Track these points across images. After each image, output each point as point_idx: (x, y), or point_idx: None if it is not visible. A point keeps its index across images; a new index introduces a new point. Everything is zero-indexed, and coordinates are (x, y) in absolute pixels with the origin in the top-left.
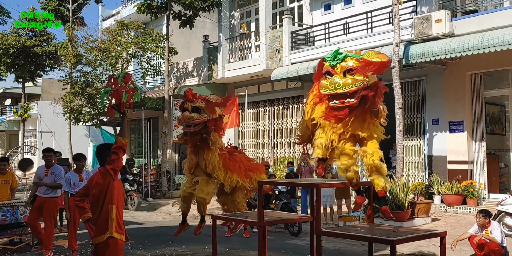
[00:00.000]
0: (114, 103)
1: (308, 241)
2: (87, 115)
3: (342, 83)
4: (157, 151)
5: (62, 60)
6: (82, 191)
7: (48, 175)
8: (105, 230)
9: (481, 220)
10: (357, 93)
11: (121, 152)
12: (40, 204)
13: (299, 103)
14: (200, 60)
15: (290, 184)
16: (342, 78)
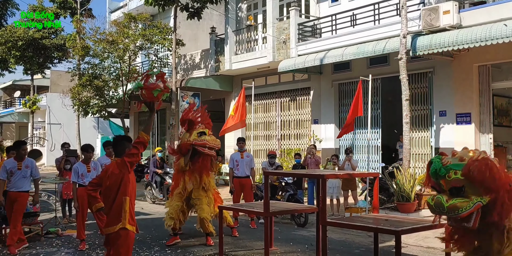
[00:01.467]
0: (145, 99)
1: (314, 232)
2: (95, 107)
3: (447, 206)
4: (165, 143)
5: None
6: (95, 181)
7: (22, 168)
8: (117, 221)
9: None
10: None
11: (142, 148)
12: (14, 199)
13: (306, 95)
14: (207, 52)
15: (296, 174)
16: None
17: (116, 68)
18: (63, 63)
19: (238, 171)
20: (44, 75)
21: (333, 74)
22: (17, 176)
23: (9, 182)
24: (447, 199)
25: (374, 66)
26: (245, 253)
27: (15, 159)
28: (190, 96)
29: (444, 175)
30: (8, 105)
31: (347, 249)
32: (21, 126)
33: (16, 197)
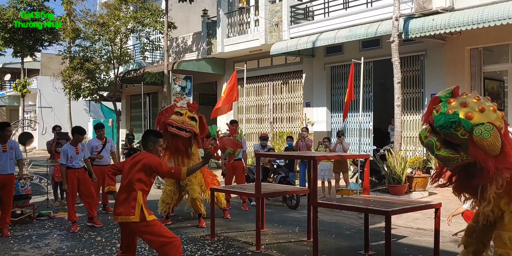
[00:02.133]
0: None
1: (306, 214)
2: (87, 90)
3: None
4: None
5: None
6: (119, 165)
7: (7, 150)
8: (130, 213)
9: None
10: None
11: (168, 176)
12: (2, 183)
13: (298, 78)
14: (199, 34)
15: (287, 156)
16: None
17: (107, 51)
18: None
19: None
20: (35, 58)
21: (326, 57)
22: (2, 158)
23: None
24: (439, 147)
25: (367, 49)
26: (237, 235)
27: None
28: (182, 79)
29: (450, 130)
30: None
31: (338, 230)
32: (11, 110)
33: (5, 180)
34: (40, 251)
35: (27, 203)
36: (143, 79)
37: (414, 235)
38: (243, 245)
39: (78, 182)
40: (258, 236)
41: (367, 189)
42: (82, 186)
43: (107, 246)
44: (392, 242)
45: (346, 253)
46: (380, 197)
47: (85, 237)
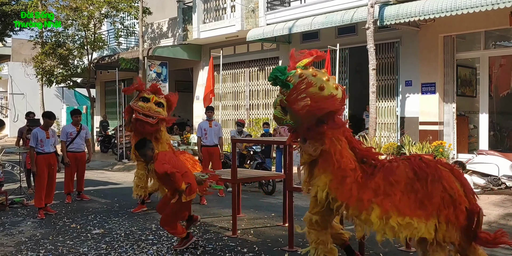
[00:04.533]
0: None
1: (281, 200)
2: (60, 76)
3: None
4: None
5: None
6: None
7: None
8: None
9: None
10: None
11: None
12: None
13: (275, 64)
14: (175, 20)
15: (263, 141)
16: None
17: (80, 36)
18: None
19: (207, 140)
20: (5, 44)
21: (302, 44)
22: None
23: None
24: (276, 106)
25: (342, 35)
26: (213, 220)
27: None
28: (158, 65)
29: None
30: None
31: None
32: None
33: None
34: (13, 238)
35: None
36: (118, 65)
37: None
38: (219, 230)
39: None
40: (235, 221)
41: None
42: (51, 171)
43: (82, 233)
44: None
45: None
46: None
47: (60, 224)
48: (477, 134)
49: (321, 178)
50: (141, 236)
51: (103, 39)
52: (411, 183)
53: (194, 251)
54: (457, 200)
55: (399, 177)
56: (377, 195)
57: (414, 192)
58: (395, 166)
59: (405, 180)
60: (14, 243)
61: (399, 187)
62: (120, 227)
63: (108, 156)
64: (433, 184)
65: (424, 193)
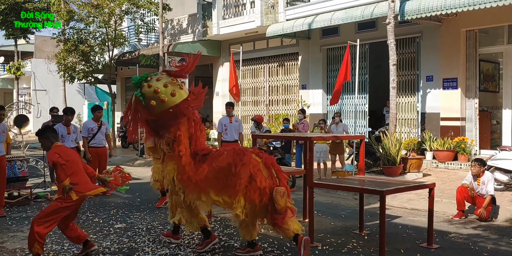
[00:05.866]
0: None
1: (301, 195)
2: (81, 73)
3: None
4: None
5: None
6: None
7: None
8: None
9: (476, 168)
10: None
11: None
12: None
13: (294, 60)
14: (195, 16)
15: (283, 137)
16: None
17: (101, 33)
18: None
19: (227, 136)
20: (28, 41)
21: (322, 39)
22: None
23: None
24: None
25: (363, 31)
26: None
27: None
28: (178, 62)
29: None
30: None
31: (333, 211)
32: (5, 93)
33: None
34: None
35: (24, 185)
36: (138, 62)
37: (408, 215)
38: None
39: None
40: None
41: (362, 170)
42: None
43: (105, 227)
44: (386, 222)
45: (341, 232)
46: (375, 177)
47: (83, 218)
48: (500, 129)
49: (169, 165)
50: (162, 230)
51: (123, 35)
52: (228, 167)
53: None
54: (262, 184)
55: (221, 163)
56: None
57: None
58: (219, 154)
59: (225, 165)
60: None
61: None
62: (142, 221)
63: (128, 152)
64: (243, 168)
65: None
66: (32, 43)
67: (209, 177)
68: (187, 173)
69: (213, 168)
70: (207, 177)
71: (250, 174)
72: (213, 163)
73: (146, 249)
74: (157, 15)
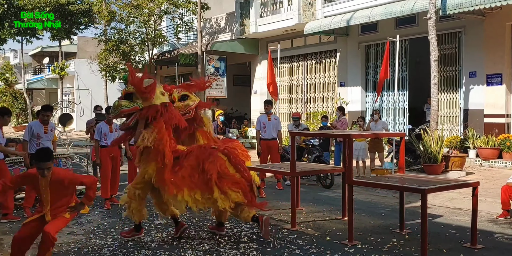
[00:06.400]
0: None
1: (340, 193)
2: (122, 72)
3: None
4: None
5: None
6: None
7: (48, 132)
8: None
9: None
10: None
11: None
12: None
13: (332, 57)
14: (232, 15)
15: (322, 135)
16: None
17: (141, 33)
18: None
19: (265, 133)
20: (72, 41)
21: (360, 36)
22: (44, 139)
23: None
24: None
25: (402, 26)
26: (272, 213)
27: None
28: (216, 60)
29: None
30: (37, 72)
31: (372, 209)
32: (50, 92)
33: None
34: (83, 227)
35: None
36: (177, 61)
37: (450, 215)
38: (278, 223)
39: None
40: (293, 214)
41: (403, 168)
42: (114, 163)
43: (146, 223)
44: (428, 221)
45: (381, 231)
46: (415, 175)
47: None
48: None
49: (151, 165)
50: (202, 227)
51: (163, 35)
52: (198, 165)
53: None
54: (230, 178)
55: (192, 162)
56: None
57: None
58: (188, 153)
59: (195, 163)
60: (84, 231)
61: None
62: (181, 218)
63: None
64: (211, 165)
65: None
66: (75, 44)
67: (184, 176)
68: (166, 174)
69: (185, 167)
70: (183, 176)
71: (218, 171)
72: (185, 163)
73: (186, 246)
74: (196, 14)
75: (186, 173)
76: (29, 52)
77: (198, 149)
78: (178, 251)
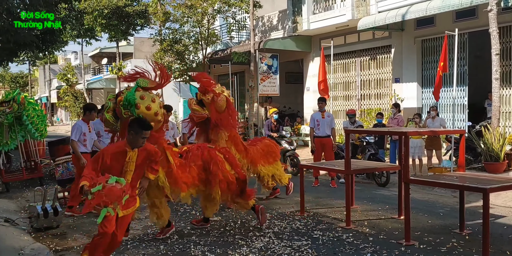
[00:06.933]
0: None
1: (396, 192)
2: (177, 71)
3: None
4: (244, 105)
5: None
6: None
7: (91, 131)
8: None
9: None
10: None
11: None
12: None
13: (387, 53)
14: (285, 12)
15: (376, 132)
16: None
17: (195, 33)
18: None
19: (319, 131)
20: (129, 42)
21: (416, 30)
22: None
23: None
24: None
25: (461, 19)
26: (326, 211)
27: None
28: (269, 58)
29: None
30: (96, 72)
31: (430, 208)
32: (109, 92)
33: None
34: (141, 223)
35: None
36: (231, 59)
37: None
38: (333, 221)
39: None
40: (348, 212)
41: (462, 166)
42: None
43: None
44: (489, 221)
45: (439, 231)
46: (476, 174)
47: (181, 210)
48: None
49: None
50: (257, 224)
51: (216, 34)
52: (203, 164)
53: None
54: (227, 176)
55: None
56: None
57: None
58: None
59: (200, 163)
60: (142, 227)
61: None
62: (236, 215)
63: None
64: (215, 167)
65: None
66: (132, 44)
67: (194, 175)
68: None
69: (193, 167)
70: (193, 176)
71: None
72: (191, 163)
73: (241, 243)
74: (248, 12)
75: (194, 172)
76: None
77: (197, 149)
78: (233, 248)
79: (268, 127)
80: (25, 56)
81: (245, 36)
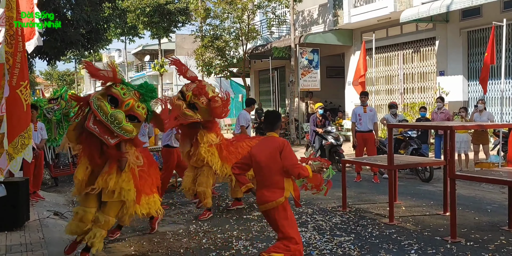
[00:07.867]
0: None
1: (441, 187)
2: (218, 67)
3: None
4: (285, 100)
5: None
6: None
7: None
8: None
9: None
10: None
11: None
12: None
13: (431, 45)
14: (325, 6)
15: (420, 126)
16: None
17: (235, 28)
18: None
19: (361, 126)
20: (170, 39)
21: (461, 21)
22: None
23: None
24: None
25: (509, 9)
26: (369, 207)
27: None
28: (309, 52)
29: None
30: (139, 69)
31: (477, 205)
32: None
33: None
34: (184, 217)
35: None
36: (271, 54)
37: None
38: (375, 217)
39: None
40: (391, 208)
41: (511, 162)
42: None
43: (243, 215)
44: None
45: (487, 228)
46: None
47: (223, 205)
48: None
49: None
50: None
51: (256, 29)
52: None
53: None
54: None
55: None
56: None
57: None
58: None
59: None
60: (184, 221)
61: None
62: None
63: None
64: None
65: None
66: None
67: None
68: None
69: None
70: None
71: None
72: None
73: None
74: (288, 7)
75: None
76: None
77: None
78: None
79: (314, 122)
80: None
81: (285, 31)
